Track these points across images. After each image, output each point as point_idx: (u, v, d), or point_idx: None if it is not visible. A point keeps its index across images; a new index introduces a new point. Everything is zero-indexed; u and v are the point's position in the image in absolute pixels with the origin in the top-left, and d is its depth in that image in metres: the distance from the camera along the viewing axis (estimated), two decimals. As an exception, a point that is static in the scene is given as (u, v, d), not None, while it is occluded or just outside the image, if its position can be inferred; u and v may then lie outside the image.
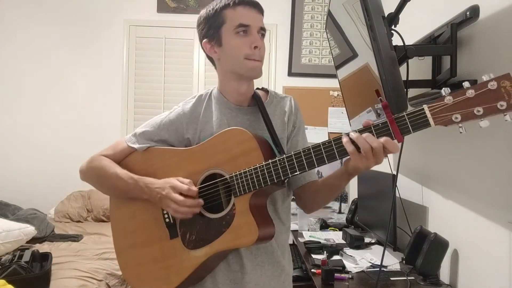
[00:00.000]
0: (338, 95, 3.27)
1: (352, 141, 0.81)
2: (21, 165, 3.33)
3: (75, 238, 2.65)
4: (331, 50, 2.02)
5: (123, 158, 1.12)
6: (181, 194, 0.96)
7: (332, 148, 0.85)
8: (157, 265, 1.05)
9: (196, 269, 0.99)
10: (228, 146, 0.98)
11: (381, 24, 1.21)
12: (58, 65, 3.36)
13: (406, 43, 1.38)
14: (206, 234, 0.98)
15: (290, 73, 3.35)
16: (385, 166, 2.10)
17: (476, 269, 1.39)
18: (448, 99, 0.73)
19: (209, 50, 1.07)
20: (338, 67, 1.94)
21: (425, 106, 0.75)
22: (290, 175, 0.90)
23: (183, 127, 1.09)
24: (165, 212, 1.05)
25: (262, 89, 1.17)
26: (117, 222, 1.14)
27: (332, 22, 1.78)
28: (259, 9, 1.03)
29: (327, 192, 1.05)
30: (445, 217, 1.64)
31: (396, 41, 1.37)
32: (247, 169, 0.94)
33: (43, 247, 2.40)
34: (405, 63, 1.42)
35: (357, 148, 0.81)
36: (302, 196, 1.12)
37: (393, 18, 1.42)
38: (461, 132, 0.74)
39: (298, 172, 0.89)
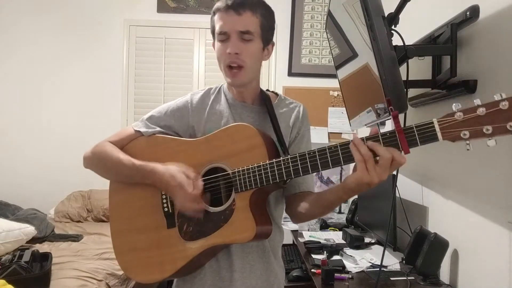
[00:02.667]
0: (338, 95, 3.27)
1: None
2: (21, 165, 3.33)
3: (75, 238, 2.65)
4: (331, 50, 2.02)
5: (128, 143, 1.12)
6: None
7: (338, 153, 0.84)
8: (151, 252, 1.04)
9: (190, 261, 0.99)
10: (233, 140, 0.98)
11: (381, 24, 1.20)
12: (58, 65, 3.36)
13: (406, 43, 1.38)
14: (203, 226, 0.98)
15: (290, 73, 3.35)
16: (385, 166, 2.09)
17: (476, 269, 1.39)
18: (459, 115, 0.72)
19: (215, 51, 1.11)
20: (338, 67, 1.94)
21: (434, 120, 0.75)
22: (293, 177, 0.89)
23: (189, 114, 1.10)
24: (164, 201, 1.04)
25: (272, 92, 1.18)
26: (115, 206, 1.14)
27: (332, 22, 1.78)
28: (239, 9, 0.99)
29: (318, 206, 1.00)
30: (445, 217, 1.64)
31: (396, 41, 1.37)
32: (250, 166, 0.93)
33: (43, 247, 2.40)
34: (405, 63, 1.42)
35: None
36: (293, 204, 1.08)
37: (393, 18, 1.42)
38: (468, 149, 0.73)
39: (301, 174, 0.88)
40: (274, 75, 3.36)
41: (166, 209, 1.04)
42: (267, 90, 1.17)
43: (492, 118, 0.70)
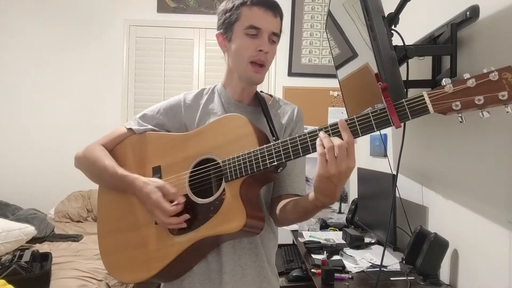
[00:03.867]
0: (338, 95, 3.27)
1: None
2: (21, 165, 3.33)
3: (75, 238, 2.65)
4: (331, 50, 2.02)
5: (120, 143, 1.12)
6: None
7: (329, 134, 0.81)
8: (138, 251, 1.01)
9: (178, 256, 0.95)
10: (223, 131, 0.97)
11: (381, 24, 1.21)
12: (58, 65, 3.36)
13: (406, 43, 1.38)
14: (192, 219, 0.95)
15: (290, 73, 3.35)
16: (385, 166, 2.10)
17: (476, 269, 1.39)
18: (448, 87, 0.72)
19: (221, 43, 1.07)
20: (338, 67, 1.94)
21: (424, 93, 0.74)
22: (284, 160, 0.86)
23: (182, 112, 1.09)
24: None
25: (267, 93, 1.17)
26: (102, 208, 1.12)
27: (332, 22, 1.78)
28: (276, 12, 1.01)
29: (294, 211, 0.97)
30: (445, 217, 1.64)
31: (396, 41, 1.37)
32: (240, 154, 0.91)
33: (43, 247, 2.40)
34: (405, 63, 1.42)
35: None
36: (274, 206, 1.05)
37: (393, 18, 1.42)
38: (460, 122, 0.73)
39: (292, 158, 0.85)
40: (274, 75, 3.36)
41: None
42: (261, 91, 1.16)
43: (482, 88, 0.70)
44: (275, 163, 0.87)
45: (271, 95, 1.16)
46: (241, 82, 1.07)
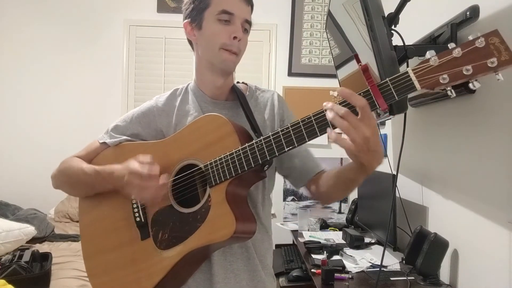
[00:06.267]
0: (338, 95, 3.27)
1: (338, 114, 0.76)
2: (21, 165, 3.33)
3: (75, 238, 2.65)
4: (331, 50, 2.02)
5: (95, 156, 1.08)
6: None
7: (312, 124, 0.78)
8: (126, 270, 0.96)
9: (169, 272, 0.89)
10: (202, 133, 0.92)
11: (381, 24, 1.20)
12: (58, 65, 3.36)
13: (406, 43, 1.38)
14: (180, 231, 0.90)
15: (290, 73, 3.35)
16: (385, 166, 2.10)
17: (476, 269, 1.39)
18: (433, 60, 0.68)
19: (189, 32, 1.02)
20: (338, 67, 1.94)
21: (408, 69, 0.70)
22: (268, 158, 0.82)
23: (156, 120, 1.04)
24: (135, 210, 0.98)
25: (243, 83, 1.12)
26: (85, 228, 1.07)
27: (332, 22, 1.78)
28: (248, 1, 0.97)
29: (341, 187, 0.93)
30: (445, 217, 1.64)
31: (396, 41, 1.37)
32: (222, 156, 0.86)
33: (43, 247, 2.40)
34: (405, 63, 1.42)
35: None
36: (316, 189, 1.00)
37: (393, 18, 1.42)
38: (450, 96, 0.70)
39: (277, 154, 0.81)
40: (274, 75, 3.35)
41: (138, 219, 0.97)
42: (238, 82, 1.10)
43: (469, 57, 0.66)
44: (260, 161, 0.83)
45: (246, 84, 1.11)
46: (213, 74, 1.00)
